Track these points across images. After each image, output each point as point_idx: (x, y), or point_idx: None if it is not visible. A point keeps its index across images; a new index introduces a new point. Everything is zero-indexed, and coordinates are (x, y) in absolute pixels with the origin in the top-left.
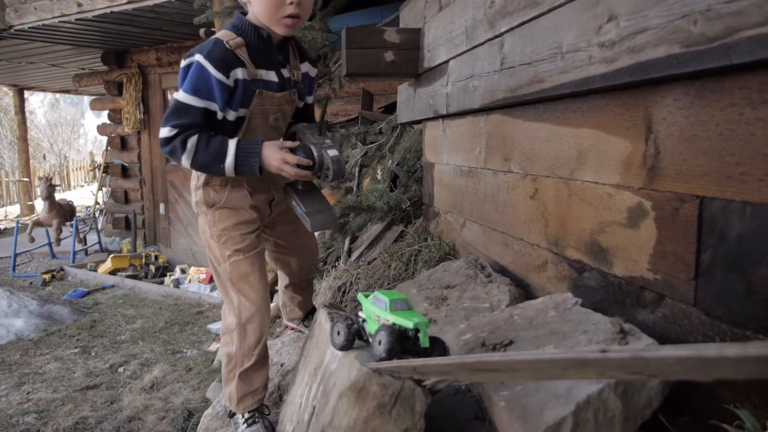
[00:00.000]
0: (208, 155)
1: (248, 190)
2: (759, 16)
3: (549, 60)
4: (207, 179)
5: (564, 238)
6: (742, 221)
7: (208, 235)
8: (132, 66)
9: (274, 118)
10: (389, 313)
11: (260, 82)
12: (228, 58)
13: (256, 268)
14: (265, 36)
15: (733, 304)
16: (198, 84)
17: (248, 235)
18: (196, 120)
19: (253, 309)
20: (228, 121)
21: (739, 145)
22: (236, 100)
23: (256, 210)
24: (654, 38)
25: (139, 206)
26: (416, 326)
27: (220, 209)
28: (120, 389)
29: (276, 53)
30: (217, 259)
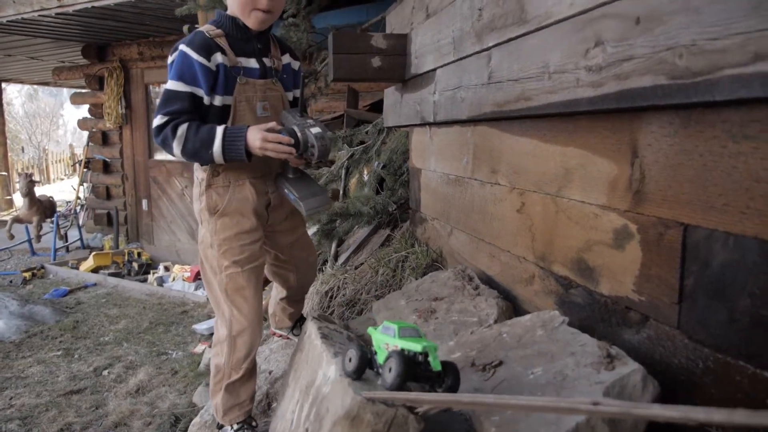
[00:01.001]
0: (197, 141)
1: (250, 190)
2: (741, 56)
3: (536, 78)
4: (209, 182)
5: (551, 254)
6: (725, 251)
7: (207, 244)
8: (113, 60)
9: (262, 107)
10: (398, 340)
11: (240, 68)
12: (208, 44)
13: (252, 283)
14: (242, 25)
15: (716, 330)
16: (182, 70)
17: (248, 246)
18: (185, 106)
19: (245, 323)
20: (215, 107)
21: (721, 177)
22: (220, 85)
23: (257, 217)
24: (640, 67)
25: (121, 202)
26: (425, 349)
27: (222, 218)
28: (105, 393)
29: (255, 42)
30: (214, 269)
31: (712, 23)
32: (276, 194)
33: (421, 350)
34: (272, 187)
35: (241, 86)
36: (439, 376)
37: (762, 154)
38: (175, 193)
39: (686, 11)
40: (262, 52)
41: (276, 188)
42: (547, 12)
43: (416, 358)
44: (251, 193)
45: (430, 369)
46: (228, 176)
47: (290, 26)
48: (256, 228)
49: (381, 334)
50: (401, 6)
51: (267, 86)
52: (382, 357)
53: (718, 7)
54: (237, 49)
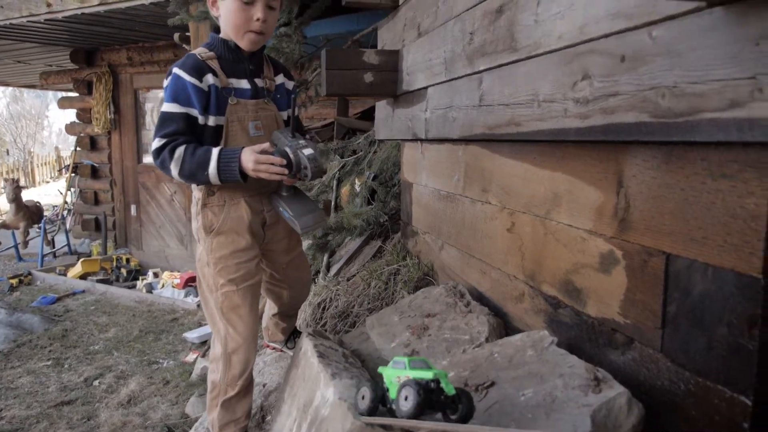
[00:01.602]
0: (194, 164)
1: (246, 209)
2: (718, 102)
3: (526, 105)
4: (205, 201)
5: (540, 274)
6: (704, 281)
7: (204, 262)
8: (102, 65)
9: (254, 126)
10: (408, 371)
11: (232, 89)
12: (200, 65)
13: (248, 301)
14: (233, 47)
15: (696, 355)
16: (177, 92)
17: (244, 264)
18: (180, 127)
19: (240, 340)
20: (209, 127)
21: (701, 211)
22: (212, 106)
23: (252, 235)
24: (625, 104)
25: (110, 207)
26: (436, 376)
27: (217, 236)
28: (96, 404)
29: (246, 63)
30: (210, 287)
31: (693, 68)
32: (272, 212)
33: (432, 377)
34: (268, 205)
35: (232, 107)
36: (453, 402)
37: (739, 192)
38: (164, 199)
39: (669, 54)
40: (254, 72)
41: (272, 207)
42: (536, 42)
43: (429, 386)
44: (246, 212)
45: (445, 395)
46: (223, 195)
47: (282, 36)
48: (252, 246)
49: (392, 369)
50: (393, 22)
51: (259, 106)
52: (394, 392)
53: (699, 54)
54: (228, 70)
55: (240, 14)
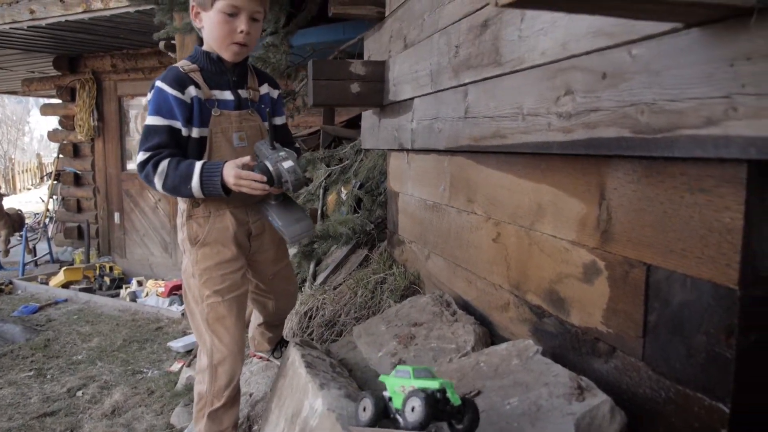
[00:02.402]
0: (177, 177)
1: (231, 220)
2: (695, 119)
3: (511, 118)
4: (190, 213)
5: (525, 283)
6: (683, 291)
7: (190, 274)
8: (86, 72)
9: (238, 137)
10: (413, 380)
11: (215, 101)
12: (181, 78)
13: (234, 312)
14: (216, 58)
15: (675, 363)
16: (159, 105)
17: (229, 275)
18: (164, 139)
19: (226, 352)
20: (193, 139)
21: (680, 224)
22: (195, 118)
23: (238, 246)
24: (606, 119)
25: (93, 215)
26: (442, 386)
27: (203, 247)
28: (80, 415)
29: (230, 74)
30: (196, 298)
31: (670, 86)
32: (257, 223)
33: (439, 387)
34: (254, 216)
35: (215, 118)
36: (459, 412)
37: (715, 206)
38: (149, 207)
39: (648, 72)
40: (237, 83)
41: (257, 217)
42: (520, 57)
43: (435, 396)
44: (231, 223)
45: (451, 405)
46: (208, 207)
47: (269, 47)
48: (237, 257)
49: (395, 378)
50: (379, 33)
51: (243, 117)
52: (398, 401)
53: (675, 73)
54: (211, 82)
55: (223, 26)
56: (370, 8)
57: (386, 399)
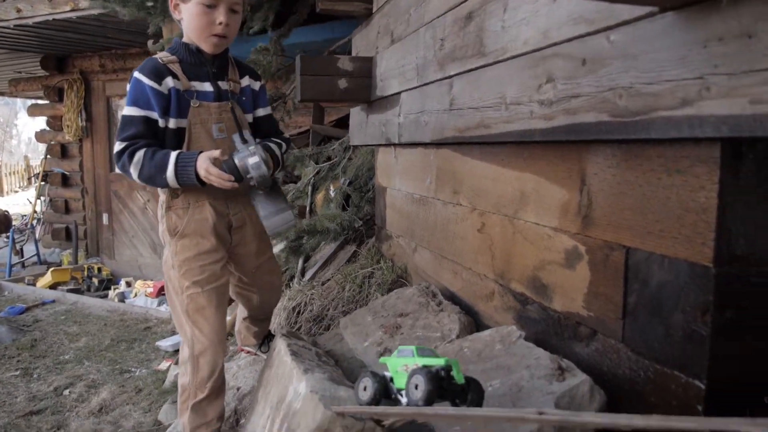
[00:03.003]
0: (152, 167)
1: (210, 212)
2: (671, 101)
3: (494, 108)
4: (169, 204)
5: (509, 272)
6: (661, 272)
7: (170, 265)
8: (74, 72)
9: (218, 129)
10: (417, 358)
11: (194, 92)
12: (159, 68)
13: (213, 303)
14: (195, 50)
15: (654, 343)
16: (136, 95)
17: (209, 266)
18: (140, 130)
19: (207, 343)
20: (170, 130)
21: (657, 206)
22: (173, 108)
23: (217, 238)
24: (586, 104)
25: (81, 216)
26: (448, 363)
27: (182, 239)
28: (66, 414)
29: (209, 66)
30: (176, 290)
31: (647, 69)
32: (238, 216)
33: (444, 365)
34: (234, 208)
35: (194, 109)
36: (463, 391)
37: (691, 187)
38: (137, 207)
39: (625, 57)
40: (217, 75)
41: (238, 210)
42: (503, 47)
43: (440, 374)
44: (211, 214)
45: (454, 383)
46: (188, 198)
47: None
48: (217, 249)
49: (397, 357)
50: (367, 30)
51: (222, 108)
52: (400, 381)
53: (652, 56)
54: (190, 73)
55: (202, 18)
56: (357, 4)
57: (387, 379)
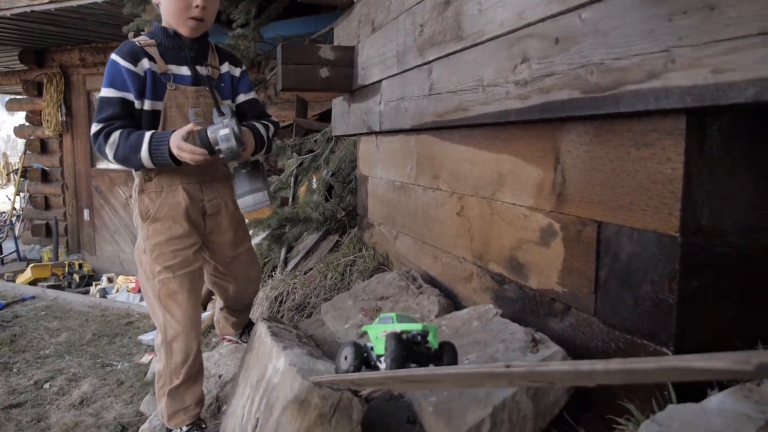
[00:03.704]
0: (127, 147)
1: (183, 196)
2: (639, 74)
3: (472, 91)
4: (142, 187)
5: (487, 253)
6: (630, 244)
7: (141, 250)
8: (53, 66)
9: (194, 113)
10: (396, 324)
11: (171, 75)
12: (135, 50)
13: (186, 288)
14: (173, 34)
15: (624, 314)
16: (112, 77)
17: (181, 251)
18: (116, 111)
19: (179, 328)
20: (146, 112)
21: (627, 180)
22: (148, 90)
23: (190, 223)
24: (559, 82)
25: (61, 212)
26: (425, 329)
27: (153, 223)
28: (47, 406)
29: (187, 50)
30: (147, 274)
31: (616, 45)
32: (213, 203)
33: (421, 329)
34: (209, 195)
35: (171, 92)
36: (437, 356)
37: (658, 159)
38: (119, 203)
39: (596, 34)
40: (195, 59)
41: (214, 197)
42: (480, 30)
43: (415, 339)
44: (184, 198)
45: (428, 347)
46: (161, 181)
47: (239, 37)
48: (189, 234)
49: (378, 324)
50: (348, 19)
51: (200, 93)
52: (380, 348)
53: (621, 32)
54: (168, 57)
55: (179, 1)
56: None
57: (368, 348)
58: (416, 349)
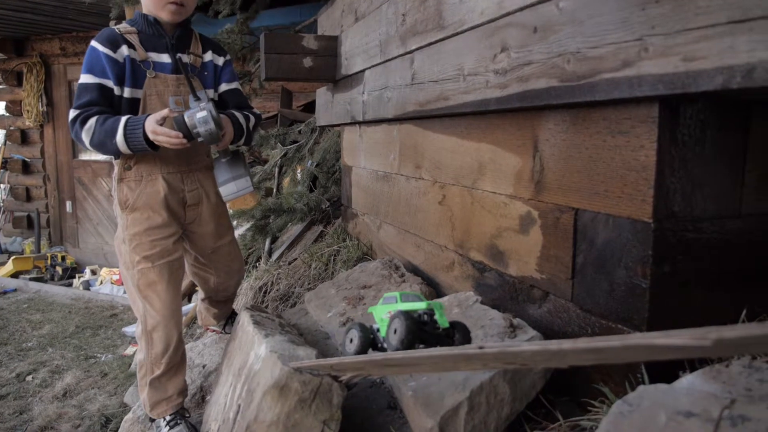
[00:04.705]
0: (102, 132)
1: (163, 185)
2: (614, 63)
3: (453, 80)
4: (121, 176)
5: (468, 241)
6: (606, 230)
7: (121, 239)
8: (33, 55)
9: (175, 101)
10: (399, 304)
11: (151, 63)
12: (115, 37)
13: (165, 278)
14: (153, 21)
15: (600, 299)
16: (91, 63)
17: (160, 241)
18: (94, 97)
19: (159, 318)
20: (125, 99)
21: (603, 167)
22: (127, 77)
23: (170, 213)
24: (537, 71)
25: (43, 204)
26: (429, 307)
27: (132, 212)
28: (29, 399)
29: (168, 38)
30: (127, 264)
31: (592, 34)
32: (194, 193)
33: (426, 307)
34: (190, 185)
35: (151, 80)
36: (448, 335)
37: (632, 146)
38: (102, 195)
39: (573, 23)
40: (177, 47)
41: (194, 187)
42: (461, 19)
43: (422, 318)
44: (163, 188)
45: (438, 327)
46: (140, 170)
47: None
48: (168, 224)
49: (382, 306)
50: (331, 9)
51: (180, 81)
52: (385, 329)
53: (596, 21)
54: (148, 44)
55: None
56: None
57: (374, 330)
58: (425, 329)
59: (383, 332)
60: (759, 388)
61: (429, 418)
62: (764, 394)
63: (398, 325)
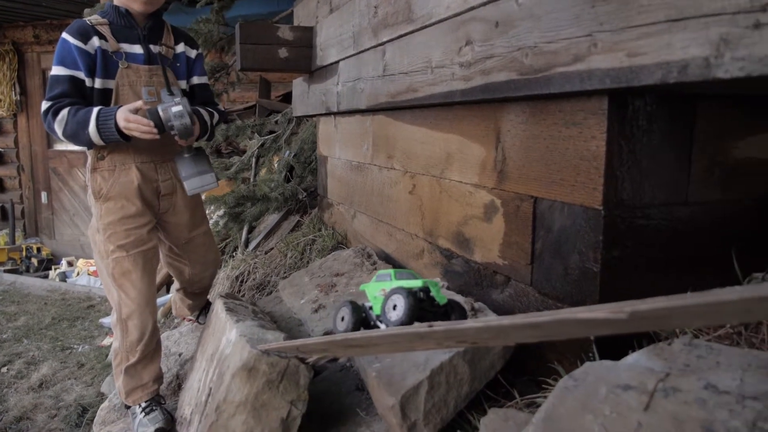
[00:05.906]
0: (75, 123)
1: (136, 174)
2: (567, 57)
3: (422, 72)
4: (95, 165)
5: (437, 229)
6: (561, 217)
7: (95, 229)
8: (5, 43)
9: (148, 92)
10: (394, 281)
11: (123, 54)
12: (85, 29)
13: (140, 267)
14: (124, 12)
15: (556, 283)
16: (62, 55)
17: (134, 230)
18: (66, 89)
19: (133, 306)
20: (97, 90)
21: (558, 157)
22: (99, 68)
23: (144, 202)
24: (499, 64)
25: (18, 195)
26: (425, 284)
27: (106, 202)
28: (4, 390)
29: (140, 29)
30: (101, 253)
31: (548, 29)
32: (168, 183)
33: (422, 285)
34: (164, 174)
35: (123, 70)
36: (445, 313)
37: (585, 137)
38: (78, 185)
39: (531, 18)
40: (149, 38)
41: (168, 177)
42: (429, 13)
43: (418, 295)
44: (137, 177)
45: (435, 305)
46: (114, 160)
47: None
48: (143, 213)
49: (375, 283)
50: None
51: (153, 72)
52: (379, 307)
53: (552, 16)
54: (119, 35)
55: None
56: None
57: (366, 308)
58: (423, 306)
59: (377, 310)
60: (696, 363)
61: (391, 397)
62: (698, 367)
63: (399, 301)
